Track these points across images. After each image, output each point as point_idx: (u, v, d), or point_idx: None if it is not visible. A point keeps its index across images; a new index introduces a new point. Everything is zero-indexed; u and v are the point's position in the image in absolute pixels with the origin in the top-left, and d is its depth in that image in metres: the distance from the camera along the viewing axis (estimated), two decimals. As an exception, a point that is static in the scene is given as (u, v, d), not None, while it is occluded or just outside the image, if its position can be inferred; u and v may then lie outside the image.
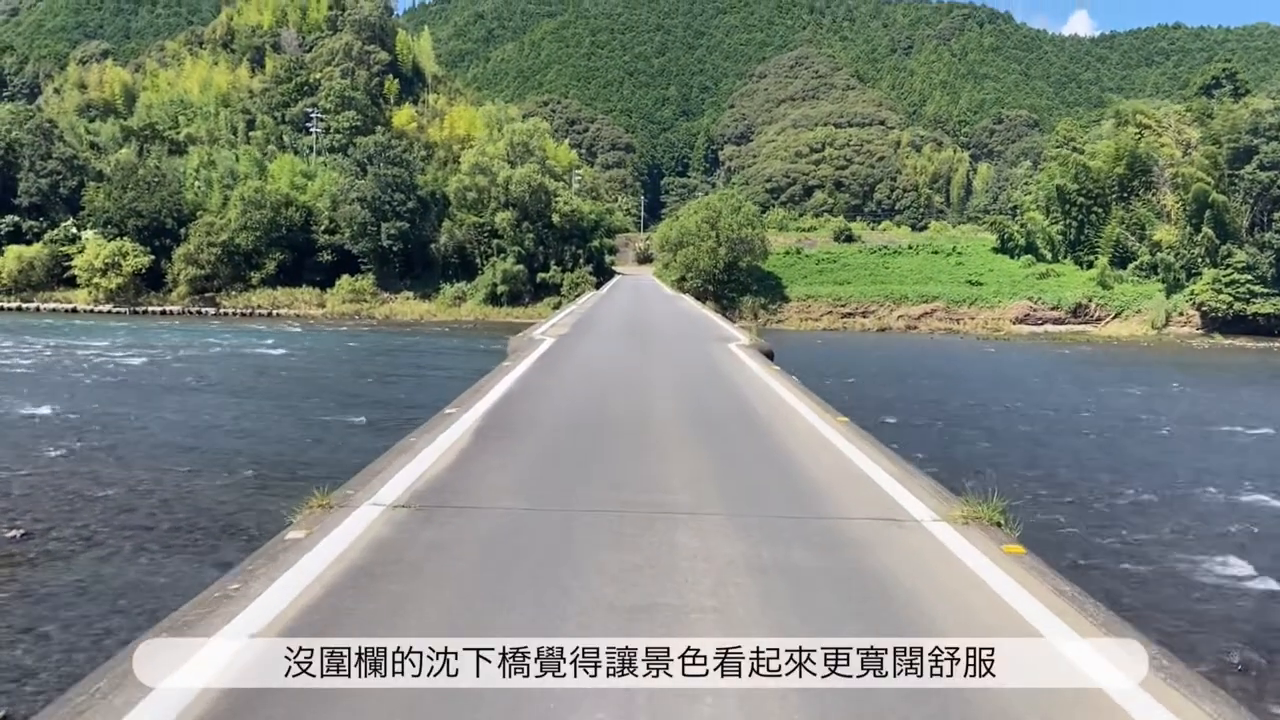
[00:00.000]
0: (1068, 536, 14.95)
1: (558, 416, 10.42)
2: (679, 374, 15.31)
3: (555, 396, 11.97)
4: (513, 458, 8.16)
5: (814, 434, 9.68)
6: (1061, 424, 26.61)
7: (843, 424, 10.13)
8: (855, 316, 74.06)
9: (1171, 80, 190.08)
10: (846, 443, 9.14)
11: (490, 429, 9.32)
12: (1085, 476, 19.45)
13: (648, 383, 13.96)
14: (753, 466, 8.11)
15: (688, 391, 13.02)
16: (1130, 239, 75.02)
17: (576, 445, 8.93)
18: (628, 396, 12.19)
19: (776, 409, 11.41)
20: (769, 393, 12.82)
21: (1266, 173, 65.88)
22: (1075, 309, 72.73)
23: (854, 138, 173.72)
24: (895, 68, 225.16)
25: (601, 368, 16.18)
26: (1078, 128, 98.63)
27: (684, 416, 10.70)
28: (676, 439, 9.28)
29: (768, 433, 9.75)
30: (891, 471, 8.03)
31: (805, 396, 12.31)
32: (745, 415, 10.90)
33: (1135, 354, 54.62)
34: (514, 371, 14.19)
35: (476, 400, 11.06)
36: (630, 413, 10.79)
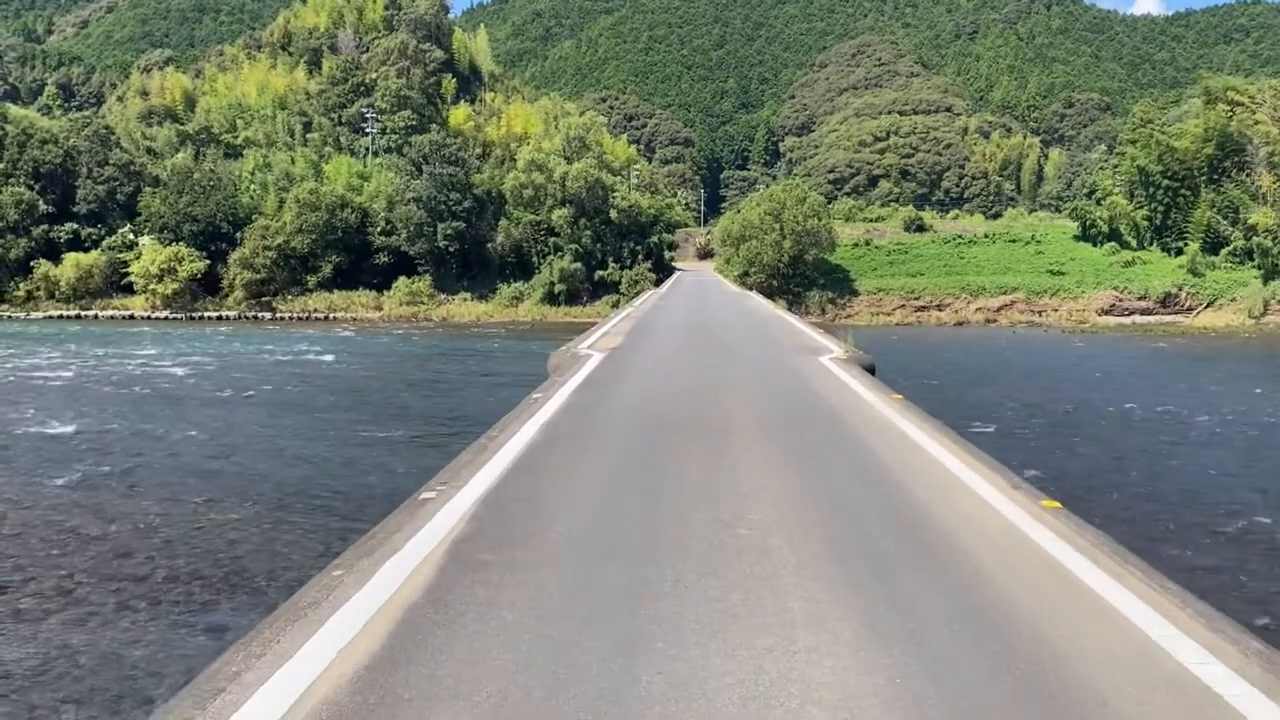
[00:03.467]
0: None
1: (582, 521, 6.10)
2: (771, 413, 11.03)
3: (588, 467, 7.82)
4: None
5: (1007, 530, 5.84)
6: (1189, 431, 23.62)
7: (1053, 510, 6.22)
8: (930, 310, 70.73)
9: (1252, 58, 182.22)
10: (1074, 554, 5.32)
11: (472, 552, 5.48)
12: (1237, 501, 16.62)
13: (728, 427, 9.79)
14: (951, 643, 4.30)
15: (789, 446, 8.81)
16: (1222, 223, 70.56)
17: (608, 596, 4.88)
18: (703, 463, 7.84)
19: (930, 478, 7.34)
20: (904, 442, 9.02)
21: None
22: (1164, 298, 68.63)
23: (919, 125, 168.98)
24: (960, 53, 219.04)
25: (660, 406, 11.51)
26: (1155, 109, 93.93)
27: (795, 505, 6.44)
28: (793, 561, 5.24)
29: (928, 522, 5.96)
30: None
31: (962, 448, 8.62)
32: (887, 494, 6.79)
33: (1238, 346, 50.75)
34: (540, 412, 10.39)
35: (473, 474, 7.28)
36: (707, 495, 6.66)
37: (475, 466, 7.55)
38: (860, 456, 8.10)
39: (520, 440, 8.71)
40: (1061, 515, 6.14)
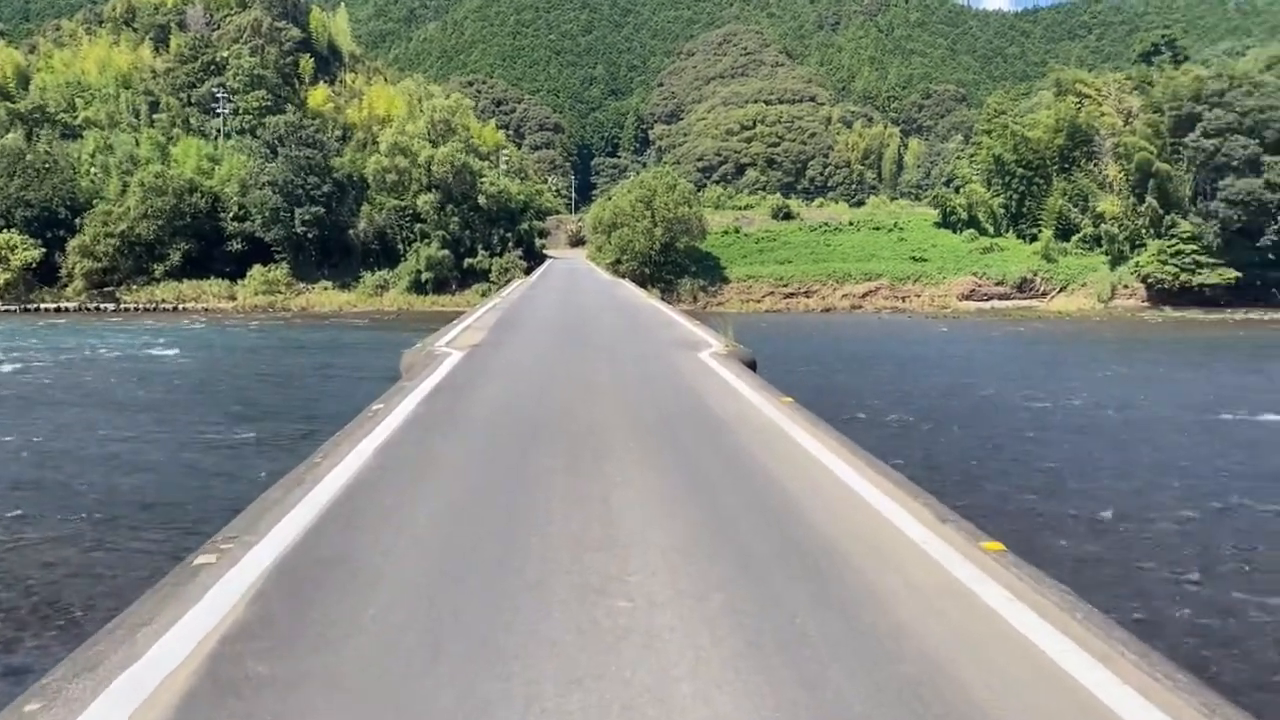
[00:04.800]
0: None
1: (407, 597, 4.63)
2: (652, 426, 9.34)
3: (427, 509, 6.14)
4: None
5: (948, 587, 4.74)
6: (1053, 416, 23.76)
7: (995, 551, 5.23)
8: (798, 297, 71.31)
9: (1095, 54, 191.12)
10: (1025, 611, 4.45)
11: (241, 663, 3.90)
12: (1109, 487, 16.51)
13: (603, 447, 8.13)
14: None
15: (674, 472, 7.29)
16: (1073, 211, 73.36)
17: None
18: (572, 499, 6.37)
19: (846, 512, 6.12)
20: (806, 460, 7.76)
21: (1210, 140, 64.36)
22: (1020, 283, 70.93)
23: (785, 114, 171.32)
24: (823, 44, 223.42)
25: (522, 420, 9.65)
26: (1008, 100, 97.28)
27: (685, 558, 5.11)
28: (690, 657, 3.98)
29: (857, 583, 4.78)
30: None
31: (871, 466, 7.49)
32: (798, 539, 5.48)
33: (1089, 330, 52.62)
34: (379, 429, 8.65)
35: (275, 522, 5.73)
36: (576, 545, 5.31)
37: (282, 510, 5.91)
38: (758, 483, 6.90)
39: (346, 470, 7.08)
40: (1002, 555, 5.19)
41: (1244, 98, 64.52)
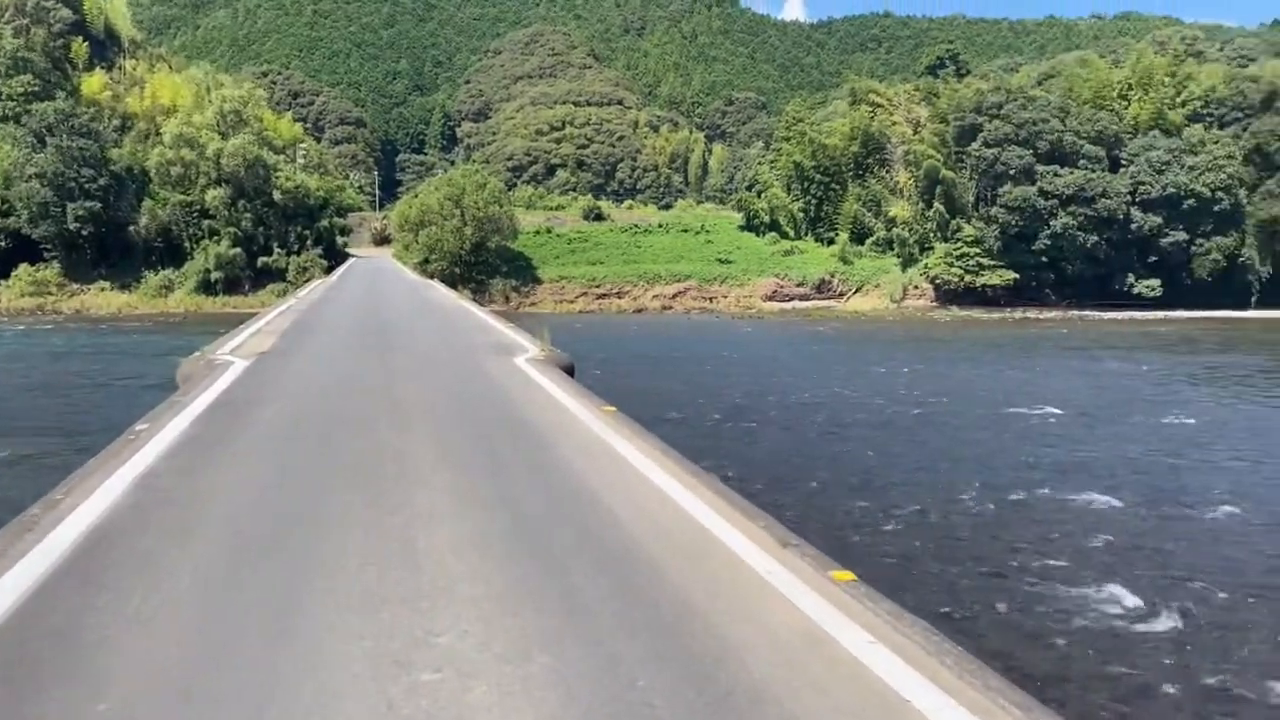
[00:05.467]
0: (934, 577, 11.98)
1: (186, 632, 4.11)
2: (463, 445, 8.45)
3: (190, 570, 4.93)
4: None
5: (791, 615, 4.40)
6: (857, 414, 24.29)
7: (846, 582, 4.85)
8: (610, 297, 71.36)
9: (885, 66, 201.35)
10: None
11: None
12: (914, 481, 16.82)
13: (407, 474, 7.20)
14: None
15: (490, 503, 6.35)
16: (867, 215, 76.69)
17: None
18: (369, 545, 5.34)
19: (684, 539, 5.57)
20: (638, 481, 7.11)
21: (991, 149, 68.61)
22: (820, 284, 73.49)
23: (593, 116, 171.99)
24: (629, 48, 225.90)
25: (312, 442, 8.47)
26: (805, 109, 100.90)
27: (504, 612, 4.35)
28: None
29: (711, 634, 4.22)
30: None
31: (706, 484, 6.96)
32: (637, 582, 4.84)
33: (883, 328, 54.94)
34: (137, 457, 7.30)
35: (16, 558, 4.86)
36: (373, 604, 4.42)
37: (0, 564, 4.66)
38: (588, 513, 6.15)
39: (94, 509, 5.76)
40: (853, 584, 4.66)
41: (1019, 110, 69.13)
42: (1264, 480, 17.48)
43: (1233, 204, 65.24)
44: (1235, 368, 35.51)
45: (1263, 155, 67.70)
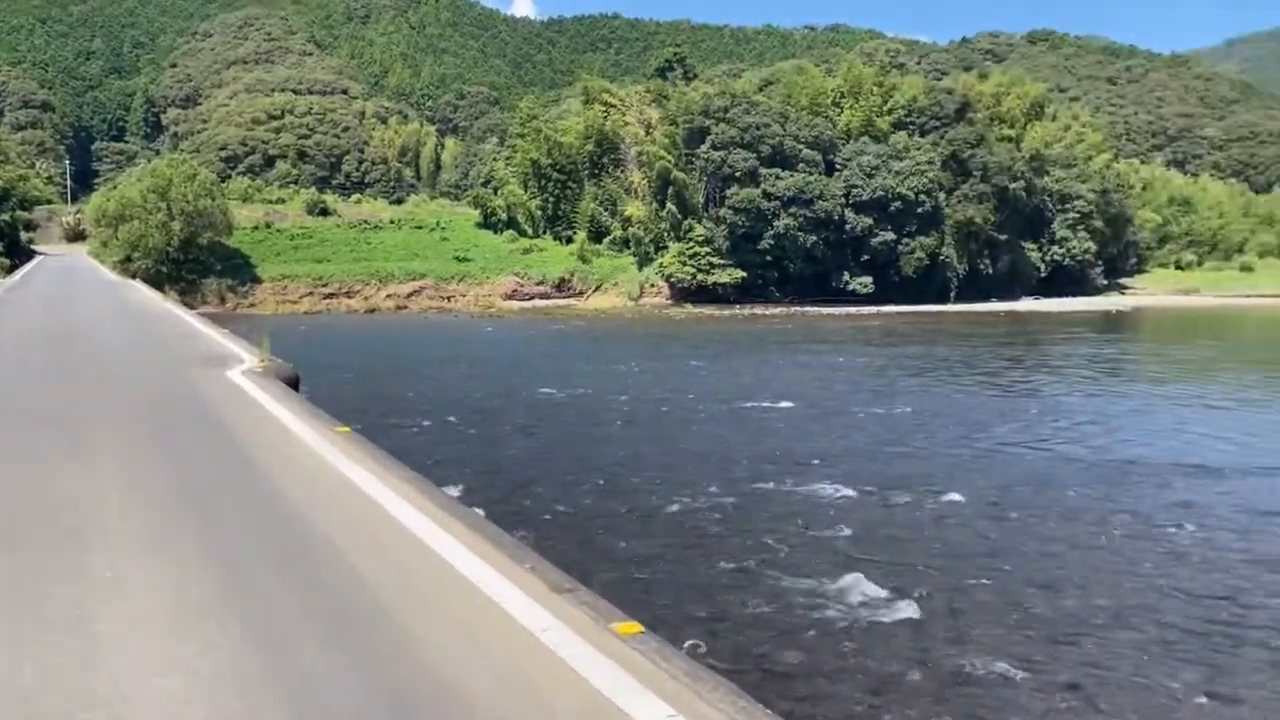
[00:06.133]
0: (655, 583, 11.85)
1: None
2: (161, 484, 7.19)
3: None
4: None
5: (577, 688, 3.77)
6: (603, 413, 24.16)
7: (633, 636, 4.25)
8: (339, 297, 68.13)
9: (615, 66, 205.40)
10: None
11: None
12: (659, 479, 16.77)
13: (90, 530, 5.81)
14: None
15: (196, 567, 5.18)
16: (604, 214, 77.66)
17: None
18: (30, 614, 4.31)
19: (429, 590, 4.90)
20: (384, 525, 6.01)
21: (718, 152, 71.23)
22: (560, 283, 73.64)
23: (316, 106, 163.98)
24: (353, 36, 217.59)
25: None
26: (539, 106, 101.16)
27: (209, 694, 3.55)
28: None
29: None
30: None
31: (461, 520, 6.02)
32: (379, 661, 3.97)
33: (623, 326, 55.72)
34: None
35: None
36: (34, 698, 3.43)
37: None
38: (324, 570, 5.02)
39: None
40: (681, 675, 3.95)
41: (744, 115, 72.20)
42: (975, 464, 18.76)
43: (933, 206, 71.22)
44: (941, 358, 38.53)
45: (958, 161, 74.38)
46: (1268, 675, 9.36)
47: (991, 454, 19.68)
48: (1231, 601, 11.30)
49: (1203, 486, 16.95)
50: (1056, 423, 23.61)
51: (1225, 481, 17.36)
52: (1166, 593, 11.62)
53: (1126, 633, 10.42)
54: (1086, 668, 9.56)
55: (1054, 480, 17.27)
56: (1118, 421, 23.81)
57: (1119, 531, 14.11)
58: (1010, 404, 26.78)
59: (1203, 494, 16.39)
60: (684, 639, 10.31)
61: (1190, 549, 13.27)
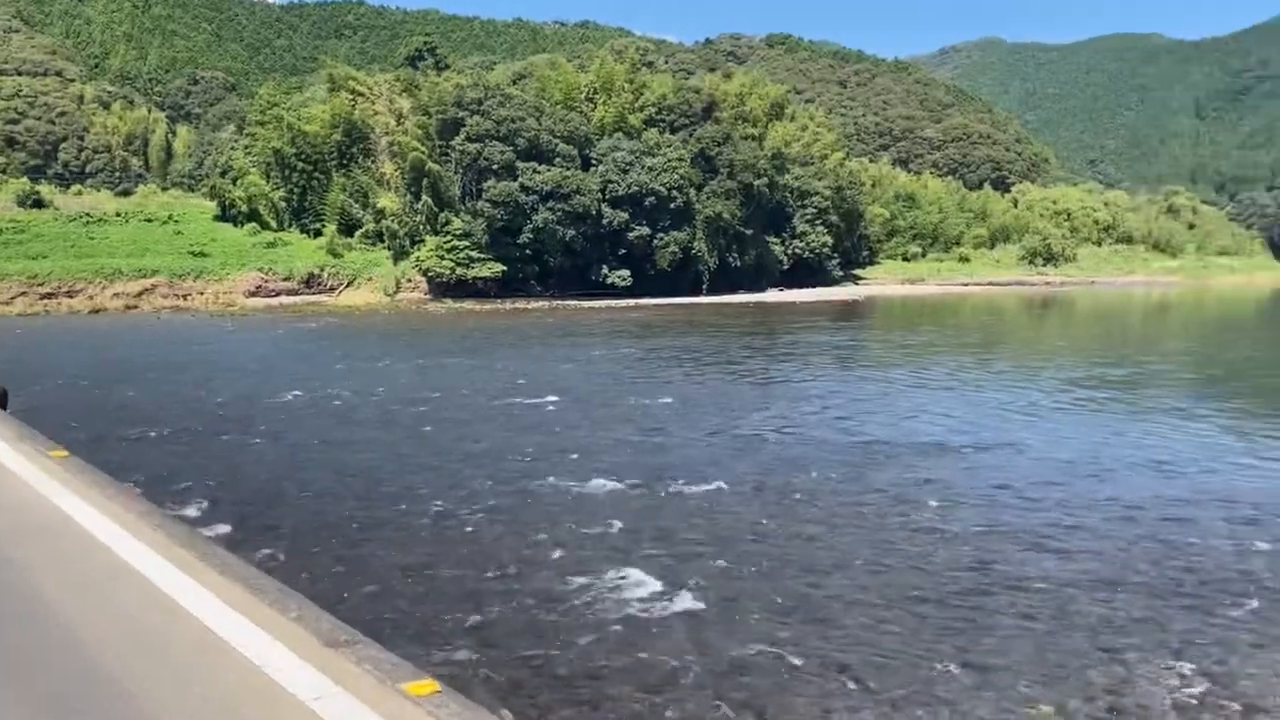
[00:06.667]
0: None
1: None
2: None
3: None
4: None
5: None
6: (358, 414, 23.07)
7: (427, 697, 3.67)
8: (59, 297, 61.93)
9: (361, 54, 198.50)
10: None
11: None
12: (422, 483, 16.14)
13: None
14: None
15: None
16: (355, 207, 74.80)
17: None
18: None
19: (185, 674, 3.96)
20: (93, 553, 5.23)
21: (474, 144, 70.13)
22: (308, 279, 70.31)
23: (26, 88, 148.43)
24: (68, 13, 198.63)
25: None
26: (280, 93, 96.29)
27: None
28: None
29: None
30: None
31: (218, 568, 5.12)
32: None
33: (381, 323, 53.85)
34: None
35: None
36: None
37: None
38: (22, 634, 4.07)
39: None
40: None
41: (498, 107, 71.46)
42: (736, 452, 19.28)
43: (685, 202, 73.26)
44: (698, 349, 39.62)
45: (706, 159, 76.86)
46: (1017, 640, 10.02)
47: (750, 441, 20.30)
48: (978, 572, 12.09)
49: (941, 464, 18.17)
50: (807, 408, 24.73)
51: (961, 458, 18.70)
52: (920, 567, 12.29)
53: (888, 609, 10.90)
54: (856, 646, 9.90)
55: (810, 463, 18.00)
56: (863, 405, 25.22)
57: (873, 511, 14.84)
58: (764, 391, 27.84)
59: (942, 471, 17.56)
60: (457, 649, 9.90)
61: (937, 524, 14.14)
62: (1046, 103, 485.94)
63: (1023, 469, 17.76)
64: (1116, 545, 13.10)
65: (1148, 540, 13.32)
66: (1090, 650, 9.73)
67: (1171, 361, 37.94)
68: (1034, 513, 14.78)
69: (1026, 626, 10.37)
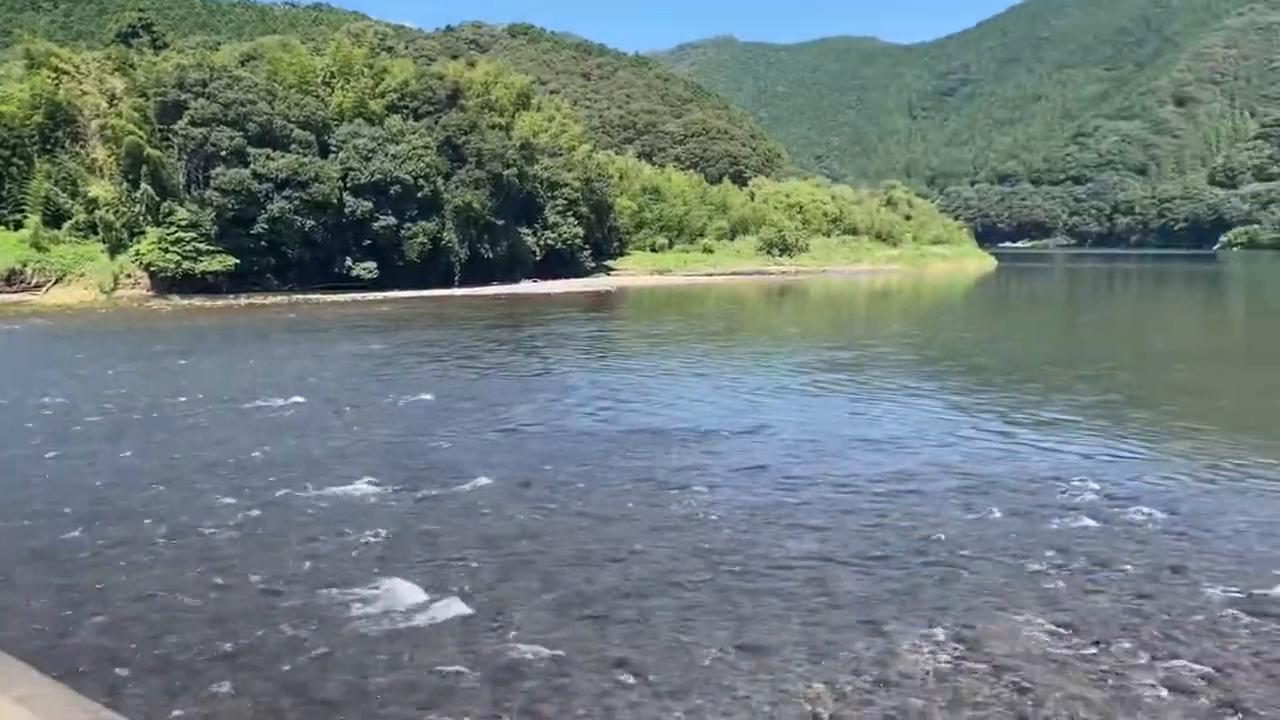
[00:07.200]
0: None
1: None
2: None
3: None
4: None
5: None
6: (73, 422, 20.82)
7: None
8: None
9: (65, 29, 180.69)
10: None
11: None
12: (157, 498, 14.74)
13: None
14: None
15: None
16: (62, 196, 67.81)
17: None
18: None
19: None
20: None
21: (199, 129, 65.24)
22: (9, 276, 63.14)
23: None
24: None
25: None
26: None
27: None
28: None
29: None
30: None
31: None
32: None
33: (98, 322, 49.11)
34: None
35: None
36: None
37: None
38: None
39: None
40: None
41: (225, 90, 66.79)
42: (500, 447, 18.90)
43: (433, 191, 71.36)
44: (453, 342, 38.73)
45: (453, 147, 75.19)
46: (786, 620, 10.28)
47: (513, 436, 19.98)
48: (745, 554, 12.37)
49: (702, 450, 18.59)
50: (569, 399, 24.68)
51: (720, 443, 19.20)
52: (691, 554, 12.42)
53: (661, 599, 10.92)
54: (631, 640, 9.83)
55: (574, 456, 17.91)
56: (622, 394, 25.45)
57: (640, 500, 14.89)
58: (524, 384, 27.54)
59: (703, 456, 17.95)
60: (208, 682, 9.03)
61: (703, 509, 14.38)
62: (777, 100, 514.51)
63: (777, 451, 18.44)
64: (868, 521, 13.80)
65: (895, 513, 14.14)
66: (854, 624, 10.13)
67: (894, 344, 40.85)
68: (791, 493, 15.36)
69: (794, 605, 10.68)
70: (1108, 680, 8.84)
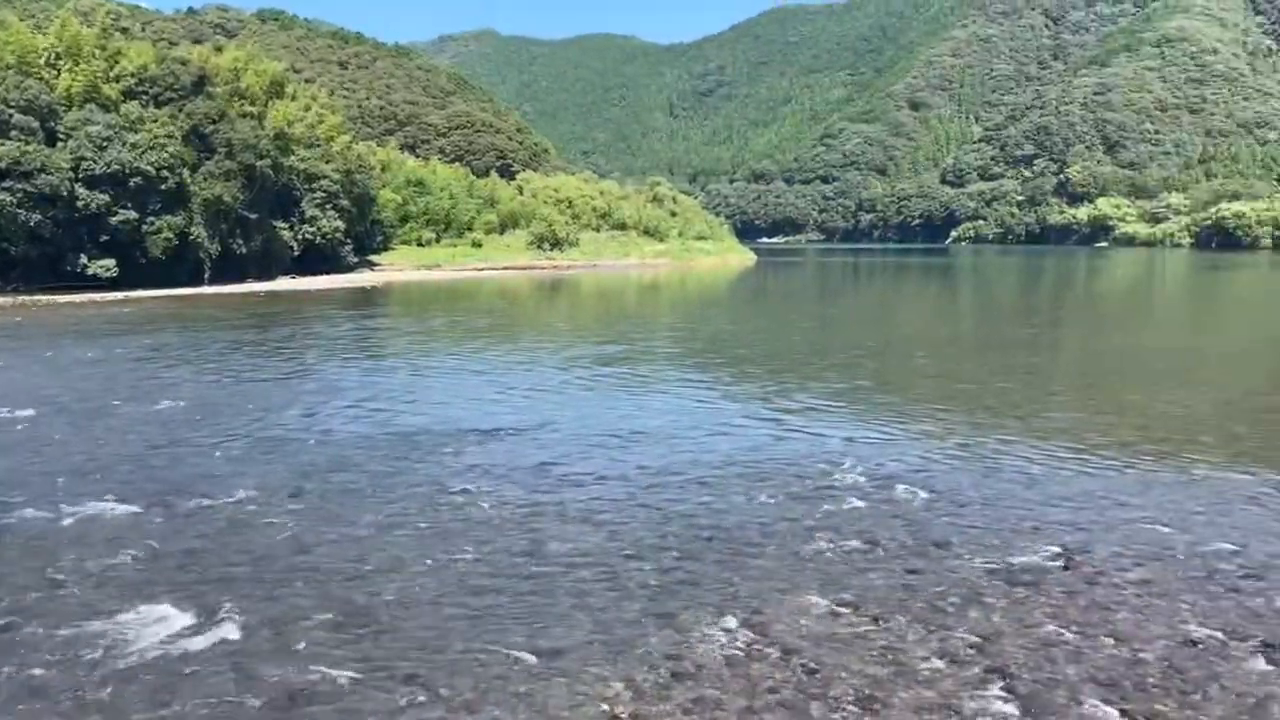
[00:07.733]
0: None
1: None
2: None
3: None
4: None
5: None
6: None
7: None
8: None
9: None
10: None
11: None
12: None
13: None
14: None
15: None
16: None
17: None
18: None
19: None
20: None
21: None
22: None
23: None
24: None
25: None
26: None
27: None
28: None
29: None
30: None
31: None
32: None
33: None
34: None
35: None
36: None
37: None
38: None
39: None
40: None
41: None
42: (265, 455, 17.86)
43: (178, 183, 66.40)
44: (206, 344, 36.26)
45: (200, 137, 70.33)
46: (579, 619, 10.22)
47: (280, 443, 18.91)
48: (533, 555, 12.23)
49: (483, 449, 18.27)
50: (338, 402, 23.66)
51: (500, 441, 18.94)
52: (478, 557, 12.14)
53: (452, 606, 10.61)
54: (421, 653, 9.49)
55: (348, 461, 17.17)
56: (395, 394, 24.67)
57: (421, 504, 14.43)
58: (286, 387, 26.16)
59: (484, 456, 17.64)
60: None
61: (487, 511, 14.11)
62: (542, 95, 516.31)
63: (559, 448, 18.40)
64: (652, 513, 13.99)
65: (678, 504, 14.40)
66: (645, 619, 10.21)
67: (665, 338, 41.85)
68: (575, 489, 15.34)
69: (586, 603, 10.64)
70: (887, 656, 9.33)
